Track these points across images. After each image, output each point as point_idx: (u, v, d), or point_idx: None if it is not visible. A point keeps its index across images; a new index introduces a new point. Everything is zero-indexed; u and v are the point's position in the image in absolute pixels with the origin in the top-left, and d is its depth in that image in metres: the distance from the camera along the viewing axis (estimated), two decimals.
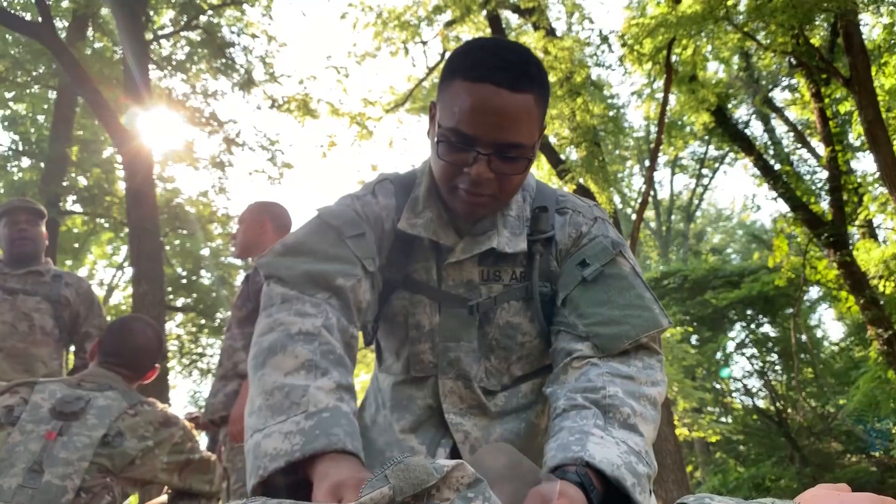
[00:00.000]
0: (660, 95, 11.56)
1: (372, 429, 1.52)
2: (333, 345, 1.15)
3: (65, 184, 10.72)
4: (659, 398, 1.19)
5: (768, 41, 10.51)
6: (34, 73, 10.84)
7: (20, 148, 11.69)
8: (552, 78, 10.82)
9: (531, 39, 10.95)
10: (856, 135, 10.98)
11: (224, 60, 11.94)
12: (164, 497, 2.31)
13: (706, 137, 17.53)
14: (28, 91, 11.56)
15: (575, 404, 1.12)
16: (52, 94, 11.37)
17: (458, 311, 1.38)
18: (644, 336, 1.22)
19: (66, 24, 11.14)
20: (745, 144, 13.33)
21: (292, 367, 1.09)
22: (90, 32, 11.52)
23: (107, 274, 16.90)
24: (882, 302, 10.57)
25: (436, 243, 1.38)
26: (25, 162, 11.77)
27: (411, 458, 0.67)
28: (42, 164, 10.79)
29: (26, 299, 3.28)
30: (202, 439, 3.37)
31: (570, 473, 0.96)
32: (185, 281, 13.99)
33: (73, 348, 3.55)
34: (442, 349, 1.39)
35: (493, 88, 1.15)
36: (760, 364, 16.88)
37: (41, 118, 12.45)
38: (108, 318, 3.64)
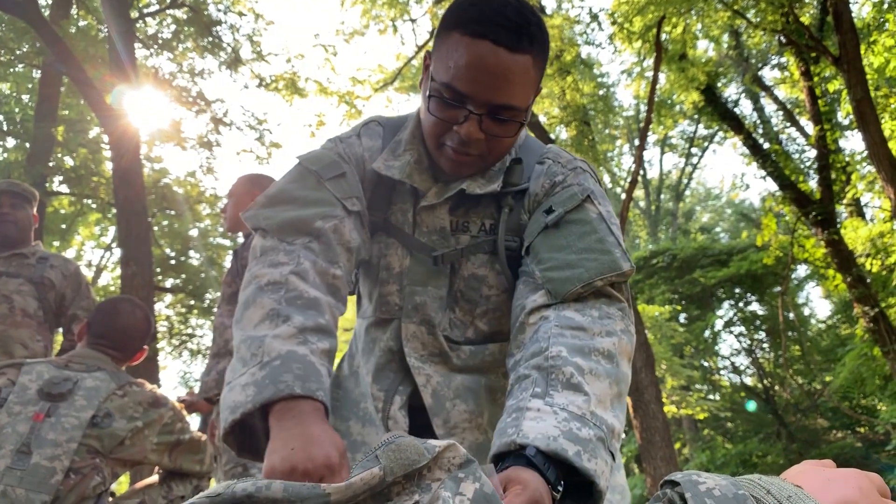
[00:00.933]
0: (649, 74, 11.54)
1: (349, 378, 1.51)
2: (301, 290, 1.14)
3: (51, 164, 10.61)
4: (616, 349, 1.10)
5: (758, 19, 10.48)
6: (18, 52, 10.68)
7: (5, 128, 11.54)
8: None
9: None
10: (844, 113, 11.00)
11: (211, 39, 11.81)
12: (155, 477, 2.32)
13: (695, 116, 17.51)
14: (12, 70, 11.39)
15: (519, 376, 1.08)
16: (37, 74, 11.23)
17: (426, 259, 1.36)
18: (599, 279, 1.16)
19: (50, 1, 10.98)
20: (734, 123, 13.35)
21: (258, 318, 1.10)
22: (74, 10, 11.36)
23: (95, 255, 16.80)
24: (868, 280, 10.66)
25: (414, 188, 1.35)
26: (10, 142, 11.63)
27: (402, 438, 0.66)
28: (27, 145, 10.67)
29: (8, 281, 3.26)
30: (193, 420, 3.37)
31: (520, 457, 0.92)
32: (173, 262, 13.91)
33: (61, 330, 3.54)
34: (409, 292, 1.38)
35: (492, 46, 1.12)
36: (748, 342, 17.03)
37: (26, 97, 12.29)
38: (97, 300, 3.61)
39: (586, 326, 1.11)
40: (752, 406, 15.94)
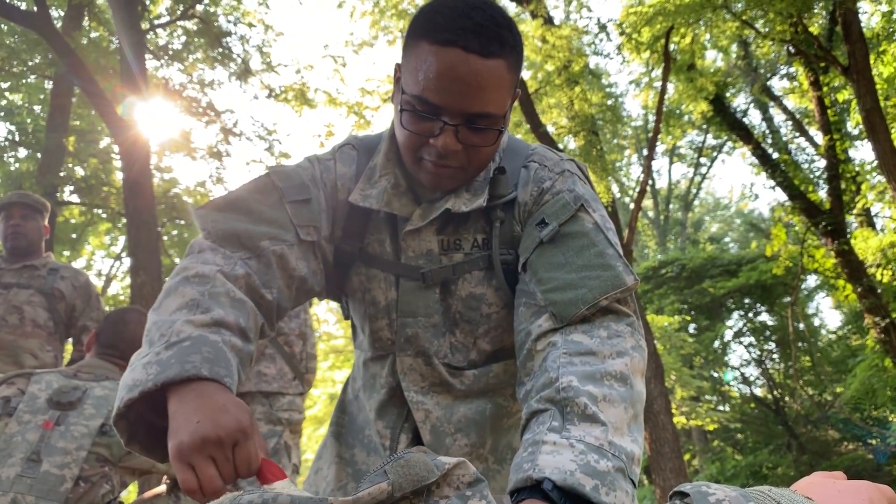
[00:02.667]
0: (658, 84, 11.54)
1: (353, 403, 1.49)
2: (228, 288, 1.09)
3: (62, 174, 10.68)
4: (628, 369, 1.05)
5: (767, 29, 10.48)
6: (30, 63, 10.78)
7: (17, 138, 11.64)
8: (550, 67, 10.80)
9: (529, 28, 10.91)
10: (854, 123, 10.97)
11: (221, 50, 11.88)
12: (164, 486, 2.32)
13: (704, 126, 17.51)
14: (24, 81, 11.50)
15: (534, 411, 1.03)
16: (49, 84, 11.32)
17: (415, 283, 1.30)
18: (604, 298, 1.10)
19: (62, 13, 11.08)
20: (743, 133, 13.34)
21: (176, 306, 1.04)
22: (86, 22, 11.46)
23: (105, 264, 16.88)
24: (879, 290, 10.60)
25: (392, 214, 1.30)
26: (22, 153, 11.72)
27: (412, 453, 0.66)
28: (39, 155, 10.75)
29: (19, 292, 3.29)
30: None
31: (536, 491, 0.89)
32: None
33: (71, 340, 3.56)
34: (399, 325, 1.33)
35: (463, 54, 1.07)
36: (758, 352, 16.92)
37: (37, 108, 12.39)
38: (106, 310, 3.63)
39: (595, 350, 1.06)
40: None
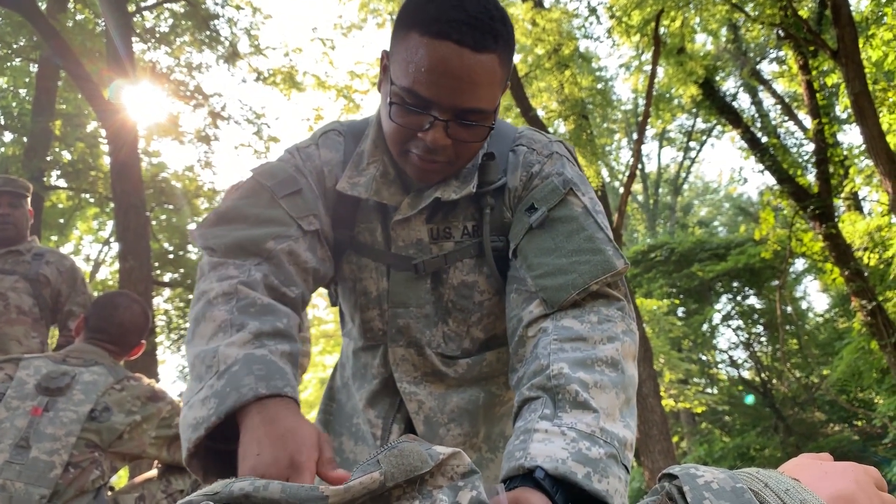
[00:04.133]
0: (648, 68, 11.52)
1: (342, 390, 1.49)
2: (254, 297, 1.07)
3: (48, 158, 10.59)
4: (619, 354, 1.05)
5: (756, 13, 10.47)
6: (15, 46, 10.66)
7: (2, 122, 11.52)
8: (540, 50, 10.76)
9: (519, 11, 10.86)
10: (842, 107, 10.99)
11: (208, 33, 11.77)
12: (154, 471, 2.32)
13: (694, 110, 17.53)
14: (9, 64, 11.36)
15: (526, 398, 1.03)
16: (34, 68, 11.19)
17: (406, 273, 1.29)
18: (594, 283, 1.09)
19: None
20: (732, 117, 13.36)
21: (211, 332, 1.03)
22: (71, 4, 11.32)
23: (93, 250, 16.82)
24: (866, 273, 10.67)
25: (381, 203, 1.27)
26: (8, 136, 11.60)
27: (406, 443, 0.65)
28: (25, 139, 10.64)
29: (3, 278, 3.25)
30: None
31: (528, 480, 0.89)
32: (172, 256, 13.88)
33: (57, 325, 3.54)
34: (391, 315, 1.32)
35: (455, 48, 1.04)
36: (746, 335, 17.07)
37: (23, 92, 12.26)
38: (95, 294, 3.60)
39: (586, 336, 1.06)
40: (750, 399, 15.99)
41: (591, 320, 1.08)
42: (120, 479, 10.92)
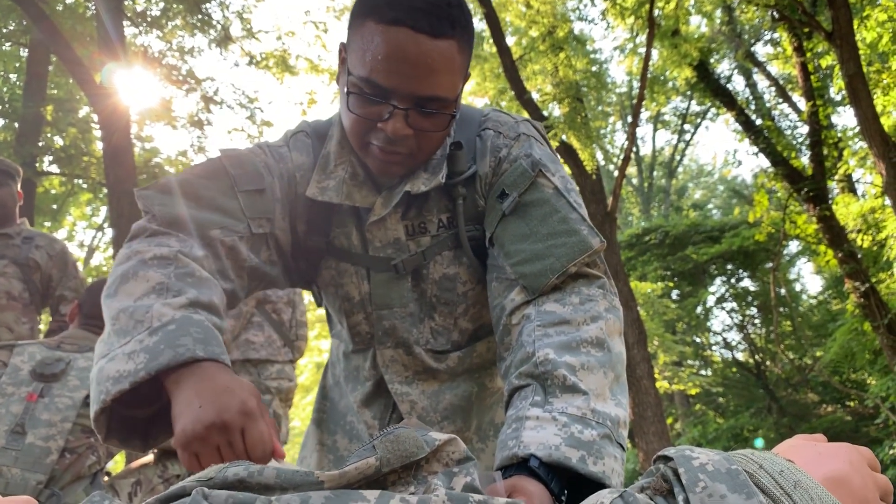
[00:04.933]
0: (642, 50, 11.48)
1: (334, 388, 1.49)
2: (193, 268, 1.04)
3: (40, 144, 10.53)
4: (604, 333, 1.05)
5: None
6: (4, 30, 10.56)
7: None
8: (534, 32, 10.71)
9: None
10: (837, 89, 11.00)
11: (200, 16, 11.67)
12: (151, 456, 2.32)
13: (688, 92, 17.50)
14: None
15: (515, 387, 1.04)
16: (24, 52, 11.10)
17: (386, 275, 1.28)
18: (572, 265, 1.10)
19: None
20: (726, 99, 13.33)
21: (143, 291, 0.99)
22: None
23: (87, 235, 16.75)
24: (859, 255, 10.71)
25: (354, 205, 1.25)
26: None
27: (402, 429, 0.65)
28: (16, 125, 10.57)
29: None
30: None
31: (523, 468, 0.89)
32: None
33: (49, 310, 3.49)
34: (376, 318, 1.31)
35: (411, 34, 1.02)
36: (740, 318, 17.13)
37: (13, 77, 12.16)
38: (89, 280, 3.56)
39: (569, 318, 1.06)
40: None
41: (573, 302, 1.09)
42: (116, 464, 10.95)
